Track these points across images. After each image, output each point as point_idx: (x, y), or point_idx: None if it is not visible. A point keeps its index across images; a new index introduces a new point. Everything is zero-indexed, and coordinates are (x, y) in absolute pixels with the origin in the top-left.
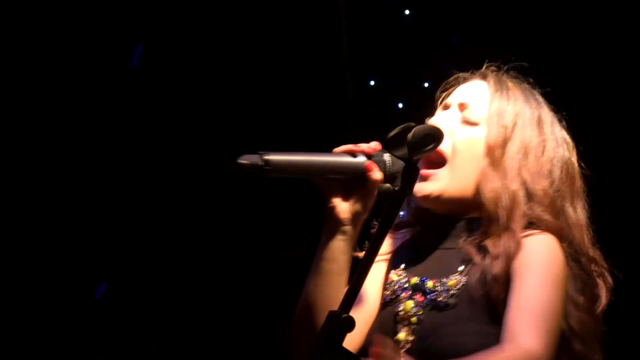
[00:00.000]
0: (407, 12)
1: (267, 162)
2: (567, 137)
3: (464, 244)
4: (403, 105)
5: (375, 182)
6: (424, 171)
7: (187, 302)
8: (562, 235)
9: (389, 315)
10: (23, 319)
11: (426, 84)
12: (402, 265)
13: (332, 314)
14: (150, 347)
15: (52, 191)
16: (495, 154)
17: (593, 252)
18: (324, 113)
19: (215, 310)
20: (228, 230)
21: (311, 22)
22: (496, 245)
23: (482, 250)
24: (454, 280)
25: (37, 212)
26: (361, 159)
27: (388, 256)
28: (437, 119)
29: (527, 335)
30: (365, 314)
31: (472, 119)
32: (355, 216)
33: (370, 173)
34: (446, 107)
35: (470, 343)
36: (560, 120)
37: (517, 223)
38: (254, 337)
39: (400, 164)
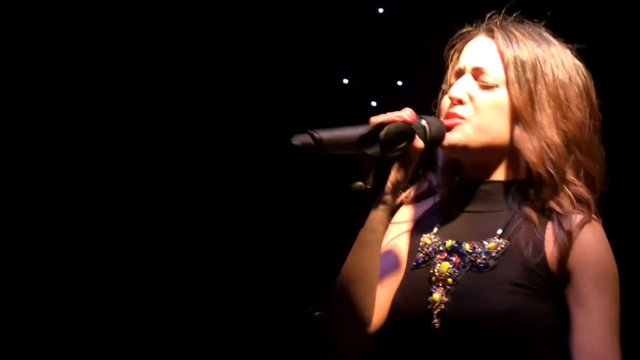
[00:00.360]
0: (380, 10)
1: (319, 140)
2: (583, 69)
3: (523, 206)
4: (377, 103)
5: (417, 150)
6: (446, 121)
7: (187, 302)
8: (598, 181)
9: (422, 276)
10: (22, 319)
11: (399, 82)
12: (435, 229)
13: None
14: (150, 347)
15: (50, 191)
16: (525, 115)
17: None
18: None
19: (215, 310)
20: (228, 230)
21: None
22: (562, 206)
23: (545, 213)
24: (494, 243)
25: (36, 212)
26: None
27: (408, 226)
28: (454, 89)
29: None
30: (390, 281)
31: (490, 82)
32: (395, 186)
33: (414, 142)
34: (460, 73)
35: (504, 302)
36: (572, 52)
37: (571, 178)
38: (254, 336)
39: (438, 127)
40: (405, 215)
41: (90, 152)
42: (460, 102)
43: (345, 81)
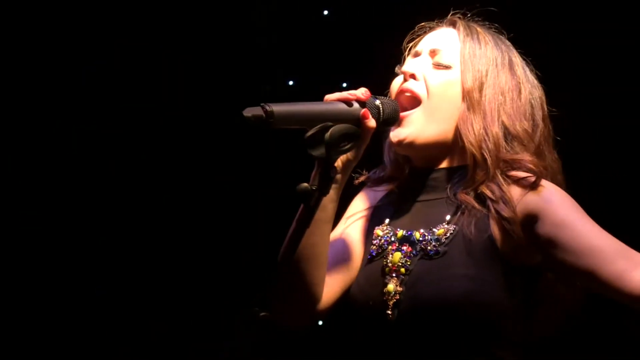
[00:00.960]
0: (325, 12)
1: (270, 113)
2: (536, 81)
3: (458, 193)
4: None
5: (370, 129)
6: (402, 114)
7: (187, 302)
8: (544, 176)
9: (376, 268)
10: (23, 319)
11: (344, 84)
12: (387, 220)
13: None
14: (150, 347)
15: (50, 191)
16: (473, 97)
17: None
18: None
19: (215, 309)
20: (228, 230)
21: (230, 22)
22: (494, 191)
23: (480, 197)
24: (443, 229)
25: (37, 212)
26: (356, 107)
27: (365, 213)
28: (408, 65)
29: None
30: (347, 271)
31: (445, 62)
32: (346, 164)
33: (366, 121)
34: (416, 55)
35: (458, 287)
36: (528, 65)
37: (504, 165)
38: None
39: (392, 108)
40: (362, 204)
41: (90, 152)
42: (413, 76)
43: (290, 82)
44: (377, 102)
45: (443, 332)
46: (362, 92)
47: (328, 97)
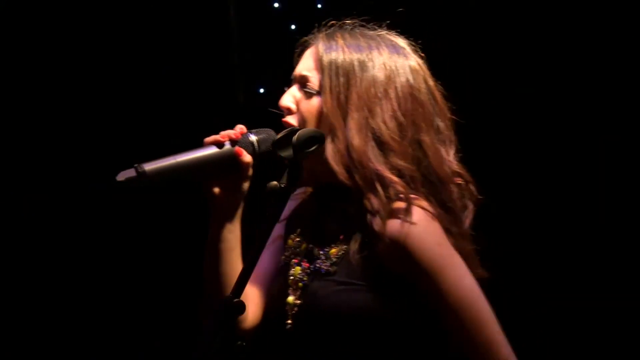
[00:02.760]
0: (292, 27)
1: (143, 173)
2: (412, 62)
3: (344, 212)
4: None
5: (247, 164)
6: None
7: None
8: (415, 177)
9: (283, 280)
10: (23, 319)
11: (261, 90)
12: (298, 231)
13: (224, 299)
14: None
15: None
16: (334, 122)
17: (457, 166)
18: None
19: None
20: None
21: (202, 29)
22: (373, 205)
23: (361, 216)
24: (335, 249)
25: (39, 212)
26: (227, 146)
27: (284, 222)
28: (284, 99)
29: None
30: (266, 278)
31: (313, 90)
32: (234, 199)
33: (241, 157)
34: (293, 80)
35: (346, 306)
36: (402, 48)
37: (376, 180)
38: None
39: (269, 140)
40: (286, 211)
41: (93, 150)
42: (289, 110)
43: (262, 90)
44: (252, 137)
45: (335, 344)
46: (235, 132)
47: (206, 140)
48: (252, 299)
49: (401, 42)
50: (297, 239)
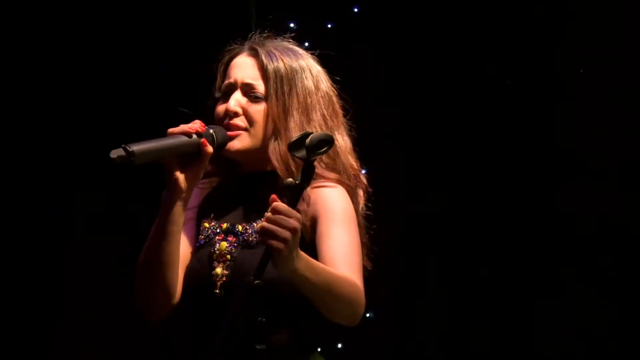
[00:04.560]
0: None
1: (132, 153)
2: (320, 68)
3: (267, 193)
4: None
5: (208, 154)
6: (229, 131)
7: None
8: (337, 168)
9: (204, 255)
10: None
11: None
12: (212, 215)
13: (246, 281)
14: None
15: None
16: (278, 123)
17: (354, 159)
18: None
19: None
20: None
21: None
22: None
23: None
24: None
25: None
26: (195, 138)
27: (196, 210)
28: (232, 102)
29: (346, 273)
30: (182, 259)
31: (257, 95)
32: (191, 184)
33: (205, 147)
34: (231, 86)
35: (272, 273)
36: (312, 56)
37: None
38: None
39: (222, 134)
40: (192, 201)
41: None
42: (236, 114)
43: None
44: (211, 131)
45: (261, 309)
46: (197, 126)
47: (171, 130)
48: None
49: (303, 51)
50: (213, 222)
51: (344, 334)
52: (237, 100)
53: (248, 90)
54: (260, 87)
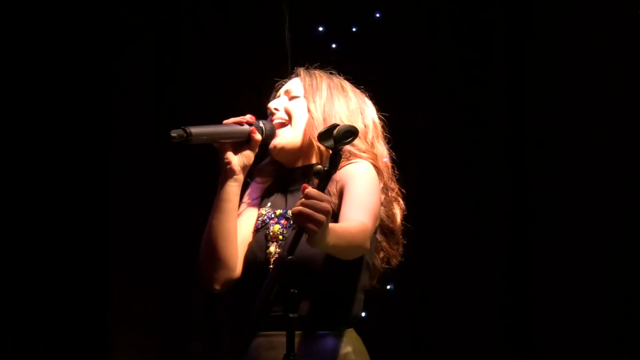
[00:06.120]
0: (333, 45)
1: (190, 133)
2: (367, 99)
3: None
4: None
5: (258, 141)
6: (276, 123)
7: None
8: (373, 160)
9: (261, 236)
10: (24, 319)
11: None
12: (268, 204)
13: (281, 256)
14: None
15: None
16: (317, 117)
17: (392, 183)
18: None
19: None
20: None
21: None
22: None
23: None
24: None
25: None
26: (246, 127)
27: (257, 200)
28: (273, 102)
29: (358, 216)
30: (244, 240)
31: (295, 94)
32: (243, 167)
33: (253, 135)
34: (277, 97)
35: (305, 249)
36: (357, 86)
37: (345, 155)
38: None
39: (270, 127)
40: (252, 193)
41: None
42: (276, 109)
43: None
44: (260, 123)
45: (310, 280)
46: (249, 117)
47: (226, 121)
48: (240, 254)
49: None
50: (269, 209)
51: (367, 304)
52: (277, 101)
53: (289, 94)
54: (298, 90)
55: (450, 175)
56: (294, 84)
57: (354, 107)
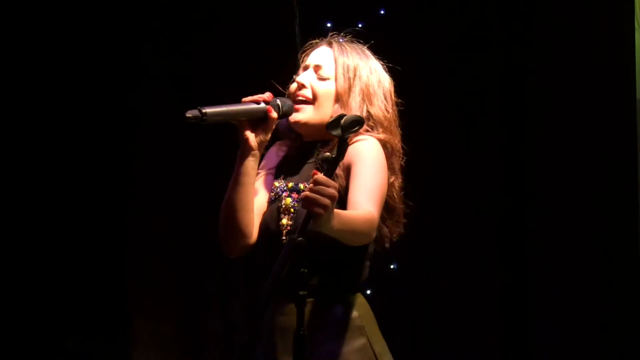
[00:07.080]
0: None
1: (204, 113)
2: (388, 77)
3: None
4: None
5: (274, 119)
6: (297, 106)
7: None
8: (387, 141)
9: (274, 208)
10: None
11: None
12: (282, 176)
13: (291, 238)
14: None
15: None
16: (343, 98)
17: (399, 141)
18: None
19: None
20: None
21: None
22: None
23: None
24: None
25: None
26: (262, 105)
27: (273, 171)
28: (301, 77)
29: (366, 204)
30: (259, 209)
31: (325, 75)
32: (260, 143)
33: (270, 113)
34: (306, 68)
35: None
36: (383, 66)
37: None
38: None
39: (288, 105)
40: (269, 163)
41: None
42: (303, 86)
43: None
44: (278, 101)
45: (320, 250)
46: (267, 96)
47: (244, 99)
48: (255, 223)
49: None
50: (282, 182)
51: (372, 282)
52: (306, 75)
53: (318, 70)
54: (329, 69)
55: (451, 175)
56: (326, 60)
57: (382, 92)
